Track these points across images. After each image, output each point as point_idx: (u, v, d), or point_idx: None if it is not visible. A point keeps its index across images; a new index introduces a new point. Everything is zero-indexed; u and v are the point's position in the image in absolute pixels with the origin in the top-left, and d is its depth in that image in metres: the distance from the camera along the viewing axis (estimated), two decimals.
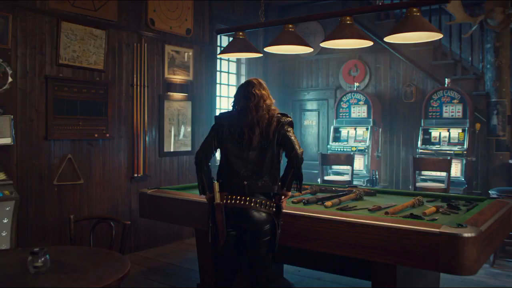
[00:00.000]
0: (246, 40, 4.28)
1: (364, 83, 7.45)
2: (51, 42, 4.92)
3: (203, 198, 3.33)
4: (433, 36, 3.64)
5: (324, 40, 3.86)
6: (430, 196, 4.21)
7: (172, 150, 6.26)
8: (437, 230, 2.67)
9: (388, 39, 3.69)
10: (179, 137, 6.36)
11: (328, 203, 3.65)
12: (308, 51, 4.06)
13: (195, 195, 3.83)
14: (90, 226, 3.52)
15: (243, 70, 7.67)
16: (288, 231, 3.18)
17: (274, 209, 3.05)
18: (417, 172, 5.80)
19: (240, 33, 4.25)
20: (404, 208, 3.52)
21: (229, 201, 3.03)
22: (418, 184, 5.76)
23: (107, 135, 5.44)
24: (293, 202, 3.73)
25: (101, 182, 5.44)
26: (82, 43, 5.20)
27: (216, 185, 3.06)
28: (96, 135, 5.34)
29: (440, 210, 3.45)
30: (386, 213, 3.26)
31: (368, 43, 3.97)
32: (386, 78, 7.32)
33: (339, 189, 4.47)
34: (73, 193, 5.15)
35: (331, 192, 4.38)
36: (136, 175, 5.78)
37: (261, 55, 4.43)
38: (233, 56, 4.67)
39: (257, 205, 3.00)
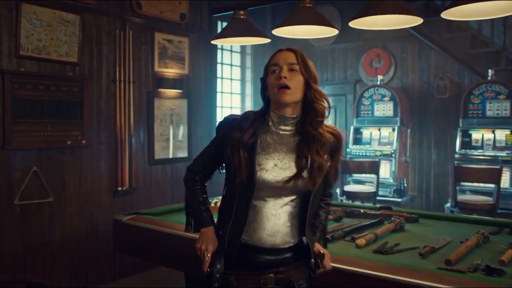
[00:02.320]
0: (248, 21, 3.30)
1: (388, 76, 6.43)
2: (8, 28, 3.97)
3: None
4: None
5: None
6: (486, 224, 3.24)
7: (164, 156, 5.31)
8: None
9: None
10: (173, 141, 5.40)
11: (361, 241, 2.68)
12: (332, 34, 3.05)
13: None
14: None
15: (248, 62, 6.68)
16: None
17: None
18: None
19: (241, 12, 3.27)
20: (468, 249, 2.54)
21: None
22: (459, 198, 4.76)
23: (83, 141, 4.50)
24: None
25: (77, 198, 4.50)
26: (49, 30, 4.24)
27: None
28: (69, 142, 4.39)
29: None
30: (448, 262, 2.28)
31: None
32: (414, 70, 6.30)
33: (369, 212, 3.50)
34: (40, 213, 4.21)
35: (360, 216, 3.42)
36: (120, 188, 4.83)
37: (269, 40, 3.42)
38: (232, 42, 3.70)
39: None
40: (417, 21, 2.65)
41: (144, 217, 3.26)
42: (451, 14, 2.60)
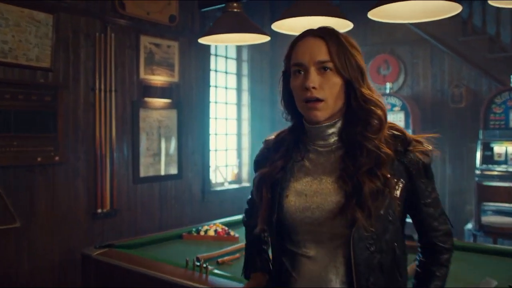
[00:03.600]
0: (243, 15, 2.77)
1: (397, 84, 5.90)
2: None
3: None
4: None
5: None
6: None
7: (151, 173, 4.74)
8: None
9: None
10: (161, 157, 4.85)
11: None
12: (347, 29, 2.49)
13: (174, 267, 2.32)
14: None
15: (245, 70, 6.14)
16: None
17: None
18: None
19: (234, 4, 2.73)
20: None
21: None
22: (484, 220, 4.21)
23: (57, 158, 3.94)
24: None
25: (49, 223, 3.93)
26: (17, 31, 3.70)
27: None
28: (39, 159, 3.84)
29: None
30: None
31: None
32: (426, 77, 5.77)
33: None
34: (5, 241, 3.65)
35: None
36: (100, 210, 4.27)
37: (268, 38, 2.86)
38: (225, 42, 3.14)
39: None
40: (455, 9, 2.11)
41: (118, 252, 2.69)
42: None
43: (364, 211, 1.25)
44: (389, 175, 1.30)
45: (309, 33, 1.37)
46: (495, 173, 4.66)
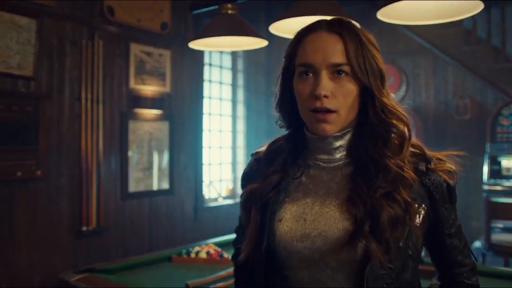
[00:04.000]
0: (238, 17, 2.53)
1: (399, 95, 5.68)
2: None
3: None
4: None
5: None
6: None
7: (141, 189, 4.48)
8: None
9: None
10: (152, 171, 4.59)
11: None
12: None
13: None
14: None
15: (240, 80, 5.91)
16: None
17: None
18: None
19: (229, 5, 2.50)
20: None
21: None
22: (494, 238, 3.96)
23: (39, 172, 3.68)
24: None
25: (29, 242, 3.65)
26: None
27: None
28: (19, 174, 3.58)
29: None
30: None
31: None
32: (428, 88, 5.55)
33: None
34: None
35: None
36: (85, 228, 3.99)
37: (266, 43, 2.61)
38: (218, 47, 2.92)
39: None
40: (475, 7, 1.88)
41: (99, 277, 2.42)
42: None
43: (381, 243, 1.00)
44: (409, 199, 1.05)
45: (322, 26, 1.10)
46: (504, 188, 4.42)
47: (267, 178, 1.15)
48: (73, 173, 3.95)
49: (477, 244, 4.30)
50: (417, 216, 1.07)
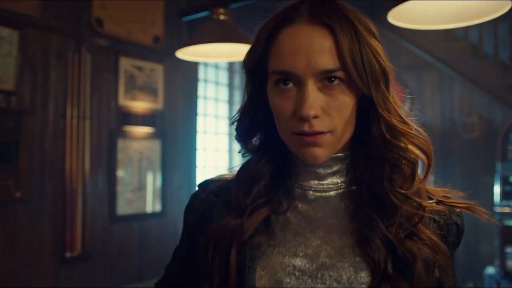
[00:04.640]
0: (231, 23, 2.30)
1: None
2: None
3: None
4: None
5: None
6: None
7: (130, 211, 4.21)
8: None
9: None
10: (142, 192, 4.32)
11: None
12: None
13: None
14: None
15: (237, 97, 5.69)
16: None
17: None
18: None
19: (221, 10, 2.27)
20: None
21: None
22: (509, 265, 3.68)
23: (18, 194, 3.41)
24: None
25: (7, 269, 3.37)
26: None
27: None
28: None
29: None
30: None
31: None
32: (434, 105, 5.33)
33: None
34: None
35: None
36: (69, 253, 3.71)
37: None
38: (208, 57, 2.68)
39: None
40: (501, 7, 1.64)
41: None
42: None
43: None
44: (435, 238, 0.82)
45: (301, 14, 0.79)
46: None
47: (253, 212, 0.84)
48: (57, 193, 3.68)
49: (490, 270, 4.02)
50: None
